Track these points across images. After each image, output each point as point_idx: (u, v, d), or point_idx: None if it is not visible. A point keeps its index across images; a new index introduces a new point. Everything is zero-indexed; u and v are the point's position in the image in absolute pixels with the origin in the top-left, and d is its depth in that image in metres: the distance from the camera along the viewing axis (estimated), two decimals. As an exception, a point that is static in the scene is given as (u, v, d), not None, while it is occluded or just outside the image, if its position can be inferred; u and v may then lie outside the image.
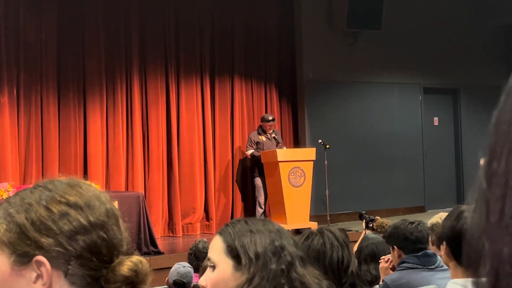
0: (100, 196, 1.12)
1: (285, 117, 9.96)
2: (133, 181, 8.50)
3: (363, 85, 10.40)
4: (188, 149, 8.95)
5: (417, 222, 3.16)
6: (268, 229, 1.47)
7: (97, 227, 1.07)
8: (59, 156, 8.18)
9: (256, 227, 1.46)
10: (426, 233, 3.12)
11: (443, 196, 11.05)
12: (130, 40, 8.62)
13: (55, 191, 1.09)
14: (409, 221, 3.19)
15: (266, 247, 1.41)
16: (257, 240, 1.42)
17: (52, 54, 8.16)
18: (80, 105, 8.32)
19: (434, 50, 11.01)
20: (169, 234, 8.72)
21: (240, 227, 1.47)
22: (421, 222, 3.19)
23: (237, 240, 1.43)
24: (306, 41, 9.91)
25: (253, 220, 1.51)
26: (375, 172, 10.30)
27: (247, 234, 1.44)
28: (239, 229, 1.46)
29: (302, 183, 8.17)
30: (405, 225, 3.15)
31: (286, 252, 1.42)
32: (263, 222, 1.52)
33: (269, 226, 1.49)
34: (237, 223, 1.49)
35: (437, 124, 11.37)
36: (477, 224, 0.51)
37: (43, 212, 1.06)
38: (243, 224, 1.48)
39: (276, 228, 1.49)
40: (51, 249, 1.04)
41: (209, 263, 1.51)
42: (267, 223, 1.51)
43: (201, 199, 9.00)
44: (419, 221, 3.19)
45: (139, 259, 1.08)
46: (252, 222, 1.50)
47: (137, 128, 8.58)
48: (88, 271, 1.05)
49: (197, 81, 9.10)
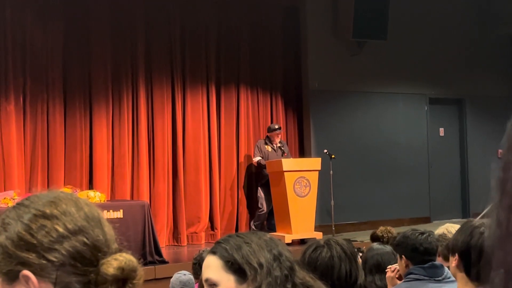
0: (78, 202, 1.12)
1: (291, 127, 9.95)
2: (138, 190, 8.50)
3: (368, 95, 10.38)
4: (194, 158, 8.94)
5: (427, 233, 3.09)
6: (262, 239, 1.47)
7: (76, 233, 1.07)
8: (65, 164, 8.19)
9: (249, 238, 1.46)
10: (435, 245, 3.06)
11: (448, 207, 11.01)
12: (136, 48, 8.65)
13: (31, 206, 1.10)
14: (419, 231, 3.12)
15: (266, 255, 1.41)
16: (256, 250, 1.42)
17: (58, 62, 8.19)
18: (86, 113, 8.35)
19: (440, 60, 10.99)
20: (174, 243, 8.72)
21: (234, 240, 1.46)
22: (431, 233, 3.13)
23: (236, 254, 1.43)
24: (312, 51, 9.91)
25: (244, 233, 1.51)
26: (380, 182, 10.27)
27: (244, 246, 1.44)
28: (234, 243, 1.45)
29: (307, 193, 8.14)
30: (415, 236, 3.10)
31: (284, 258, 1.43)
32: (253, 233, 1.52)
33: (261, 236, 1.50)
34: (229, 238, 1.49)
35: (442, 135, 11.32)
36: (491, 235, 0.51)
37: (21, 228, 1.07)
38: (236, 238, 1.48)
39: (269, 237, 1.50)
40: (34, 263, 1.05)
41: (207, 284, 1.49)
42: (257, 234, 1.51)
43: (206, 208, 8.98)
44: (429, 232, 3.13)
45: (125, 256, 1.08)
46: (244, 235, 1.50)
47: (142, 137, 8.59)
48: (75, 277, 1.06)
49: (203, 90, 9.12)
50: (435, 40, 10.93)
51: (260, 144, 8.98)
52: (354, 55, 10.19)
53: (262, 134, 9.45)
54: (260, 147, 8.94)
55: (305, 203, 8.10)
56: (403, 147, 10.59)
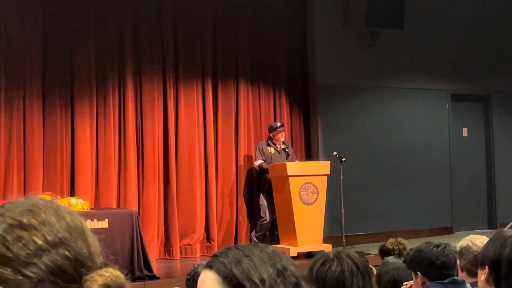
0: (59, 210, 1.12)
1: (296, 126, 9.95)
2: (126, 197, 8.50)
3: (383, 91, 10.36)
4: (188, 162, 8.92)
5: (443, 245, 3.17)
6: (264, 251, 1.45)
7: (57, 246, 1.07)
8: (44, 168, 8.18)
9: (250, 251, 1.44)
10: (453, 258, 3.15)
11: (472, 216, 11.01)
12: (123, 40, 8.64)
13: (6, 215, 1.10)
14: (434, 244, 3.19)
15: (268, 270, 1.40)
16: (258, 264, 1.40)
17: (36, 55, 8.17)
18: (67, 111, 8.34)
19: (463, 52, 10.97)
20: (166, 257, 8.72)
21: (233, 253, 1.44)
22: (447, 245, 3.22)
23: (235, 268, 1.40)
24: (320, 41, 9.88)
25: (244, 245, 1.48)
26: (396, 189, 10.24)
27: (244, 260, 1.41)
28: (233, 256, 1.43)
29: (315, 200, 8.12)
30: (430, 249, 3.16)
31: (289, 273, 1.42)
32: (255, 245, 1.49)
33: (263, 248, 1.48)
34: (227, 251, 1.46)
35: (466, 135, 11.30)
36: None
37: None
38: (235, 250, 1.46)
39: (271, 249, 1.48)
40: (9, 279, 1.04)
41: None
42: (259, 246, 1.48)
43: (202, 217, 8.97)
44: (445, 244, 3.20)
45: (111, 272, 1.08)
46: (243, 247, 1.47)
47: (130, 138, 8.58)
48: None
49: (198, 86, 9.13)
50: (459, 29, 10.89)
51: (262, 146, 8.97)
52: (367, 46, 10.20)
53: (264, 134, 9.43)
54: (262, 149, 8.94)
55: (313, 211, 8.08)
56: (422, 149, 10.57)
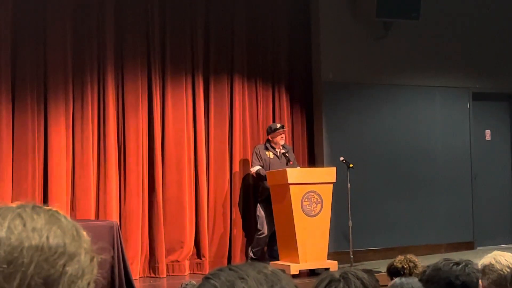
0: None
1: (298, 128, 9.98)
2: (106, 207, 8.51)
3: (396, 89, 10.38)
4: (176, 167, 8.94)
5: (463, 263, 3.16)
6: (261, 273, 1.44)
7: None
8: (13, 174, 8.19)
9: (245, 272, 1.42)
10: (475, 277, 3.15)
11: (497, 229, 11.03)
12: (104, 29, 8.66)
13: None
14: (454, 261, 3.18)
15: None
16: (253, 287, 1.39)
17: (5, 46, 8.17)
18: (39, 110, 8.36)
19: (486, 46, 10.99)
20: (150, 275, 8.74)
21: (226, 275, 1.42)
22: (468, 262, 3.20)
23: None
24: (325, 34, 9.90)
25: (239, 266, 1.47)
26: (411, 199, 10.25)
27: (238, 283, 1.40)
28: (226, 279, 1.41)
29: (319, 211, 8.13)
30: (449, 267, 3.15)
31: None
32: (251, 265, 1.48)
33: (260, 268, 1.46)
34: (220, 273, 1.44)
35: (489, 139, 11.33)
36: None
37: None
38: (228, 272, 1.44)
39: (270, 270, 1.46)
40: None
41: None
42: (256, 266, 1.47)
43: (191, 230, 8.99)
44: (466, 261, 3.20)
45: None
46: (238, 267, 1.45)
47: (111, 140, 8.59)
48: None
49: (188, 81, 9.15)
50: (481, 20, 10.89)
51: (259, 150, 9.00)
52: (379, 39, 10.20)
53: (262, 137, 9.44)
54: (259, 153, 8.95)
55: (316, 224, 8.09)
56: (440, 154, 10.59)
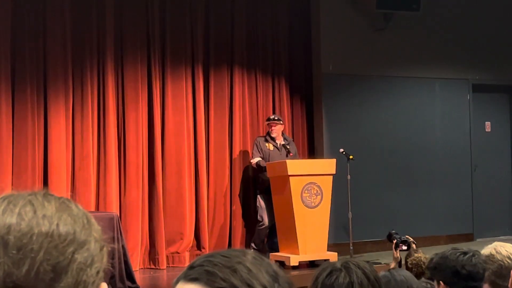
0: None
1: (298, 120, 9.98)
2: (106, 199, 8.50)
3: (396, 81, 10.38)
4: (175, 159, 8.93)
5: (471, 253, 3.15)
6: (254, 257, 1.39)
7: None
8: (13, 166, 8.18)
9: (239, 257, 1.38)
10: (481, 268, 3.12)
11: (496, 221, 11.04)
12: (104, 21, 8.64)
13: None
14: (461, 251, 3.17)
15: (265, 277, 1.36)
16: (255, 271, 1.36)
17: (4, 37, 8.15)
18: (39, 102, 8.34)
19: (486, 38, 10.98)
20: (150, 266, 8.74)
21: (221, 260, 1.38)
22: (476, 252, 3.18)
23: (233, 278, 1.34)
24: (325, 25, 9.90)
25: (228, 251, 1.43)
26: (410, 190, 10.27)
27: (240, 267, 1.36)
28: (225, 265, 1.36)
29: (319, 203, 8.12)
30: (456, 256, 3.14)
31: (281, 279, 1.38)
32: (236, 250, 1.44)
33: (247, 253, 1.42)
34: (213, 258, 1.40)
35: (489, 130, 11.33)
36: None
37: None
38: (221, 257, 1.39)
39: (256, 254, 1.43)
40: None
41: None
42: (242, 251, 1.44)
43: (191, 222, 8.99)
44: (474, 252, 3.18)
45: None
46: (228, 253, 1.42)
47: (111, 132, 8.58)
48: None
49: (187, 74, 9.14)
50: (481, 11, 10.88)
51: (260, 142, 9.00)
52: (379, 31, 10.20)
53: (262, 128, 9.45)
54: (259, 145, 8.96)
55: (316, 215, 8.09)
56: (440, 146, 10.60)
